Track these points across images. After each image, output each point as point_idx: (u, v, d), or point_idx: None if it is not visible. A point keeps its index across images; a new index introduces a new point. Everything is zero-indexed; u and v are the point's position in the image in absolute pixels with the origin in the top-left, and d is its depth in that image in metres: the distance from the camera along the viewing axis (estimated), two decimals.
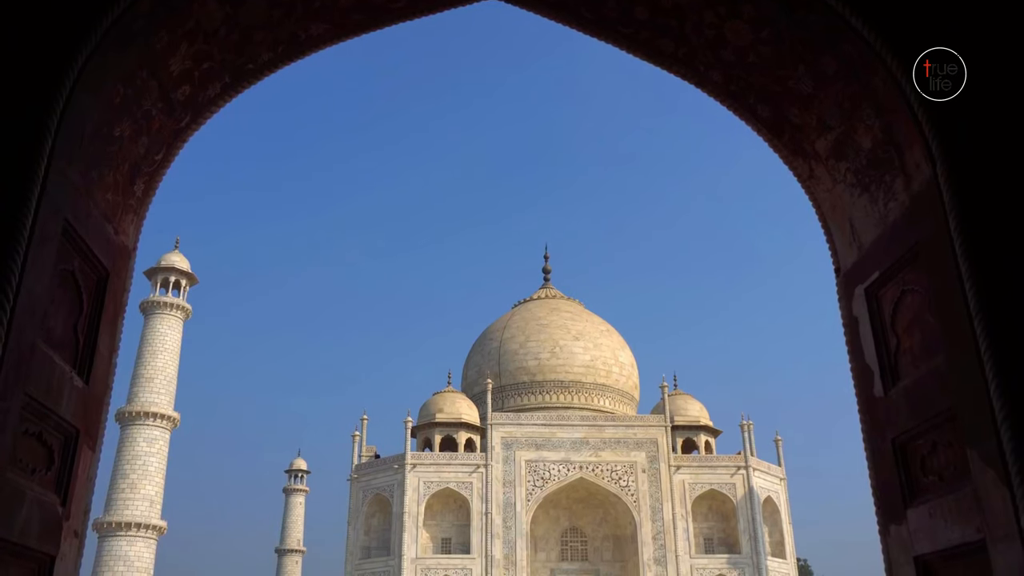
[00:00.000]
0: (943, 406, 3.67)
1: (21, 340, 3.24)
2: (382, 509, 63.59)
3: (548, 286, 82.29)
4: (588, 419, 65.88)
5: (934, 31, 3.74)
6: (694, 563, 61.95)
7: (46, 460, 3.62)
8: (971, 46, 3.68)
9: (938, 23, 3.75)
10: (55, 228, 3.52)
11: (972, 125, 3.61)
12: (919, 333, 3.95)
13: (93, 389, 4.00)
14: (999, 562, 3.21)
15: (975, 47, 3.67)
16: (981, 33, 3.70)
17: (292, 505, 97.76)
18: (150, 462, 55.86)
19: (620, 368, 73.75)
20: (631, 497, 62.66)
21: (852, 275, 4.61)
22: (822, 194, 4.90)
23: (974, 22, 3.71)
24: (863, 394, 4.47)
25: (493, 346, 74.34)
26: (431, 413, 67.13)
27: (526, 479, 62.40)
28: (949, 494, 3.62)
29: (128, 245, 4.44)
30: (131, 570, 53.24)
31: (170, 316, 59.85)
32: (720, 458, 66.25)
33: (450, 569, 60.26)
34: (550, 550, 64.76)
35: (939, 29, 3.74)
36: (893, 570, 4.11)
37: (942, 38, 3.74)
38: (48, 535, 3.59)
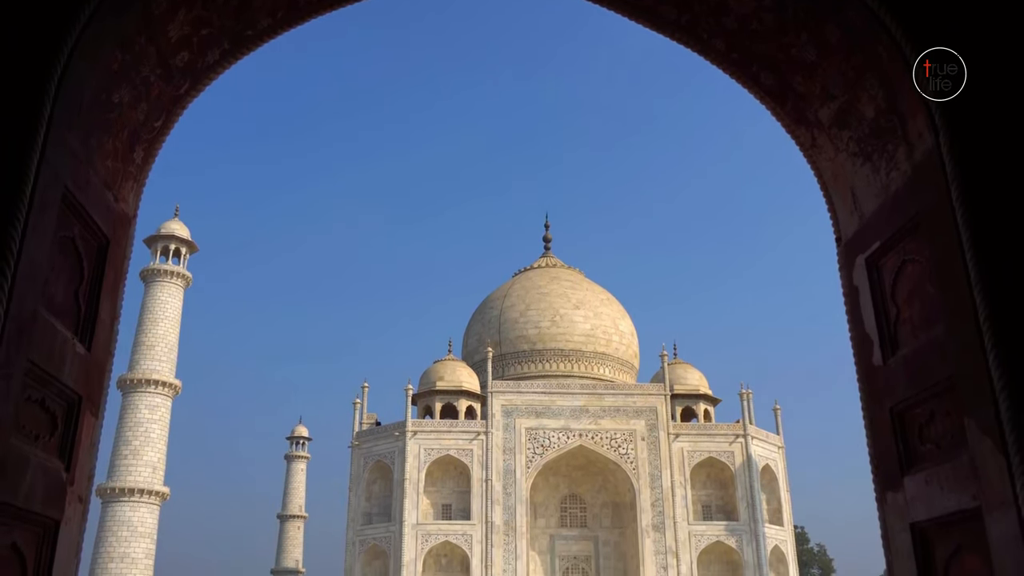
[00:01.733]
0: (942, 375, 3.68)
1: (22, 307, 3.24)
2: (383, 476, 64.13)
3: (548, 255, 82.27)
4: (588, 387, 66.21)
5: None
6: (692, 530, 62.59)
7: (49, 426, 3.64)
8: (974, 16, 3.64)
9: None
10: (55, 195, 3.52)
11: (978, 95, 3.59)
12: (919, 303, 3.96)
13: (95, 356, 4.02)
14: (994, 529, 3.25)
15: (978, 17, 3.64)
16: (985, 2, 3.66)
17: (294, 472, 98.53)
18: (152, 429, 56.24)
19: (620, 337, 73.97)
20: (630, 465, 63.14)
21: (853, 244, 4.61)
22: (824, 163, 4.88)
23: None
24: (862, 363, 4.49)
25: (493, 314, 74.49)
26: (432, 381, 67.47)
27: (526, 446, 62.86)
28: (946, 462, 3.65)
29: (128, 212, 4.43)
30: (135, 535, 53.82)
31: (170, 284, 59.91)
32: (719, 426, 66.67)
33: (451, 535, 60.89)
34: (550, 516, 65.40)
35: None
36: (889, 537, 4.16)
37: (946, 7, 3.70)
38: (53, 500, 3.62)
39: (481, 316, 76.24)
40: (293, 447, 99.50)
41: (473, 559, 60.02)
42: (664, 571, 61.01)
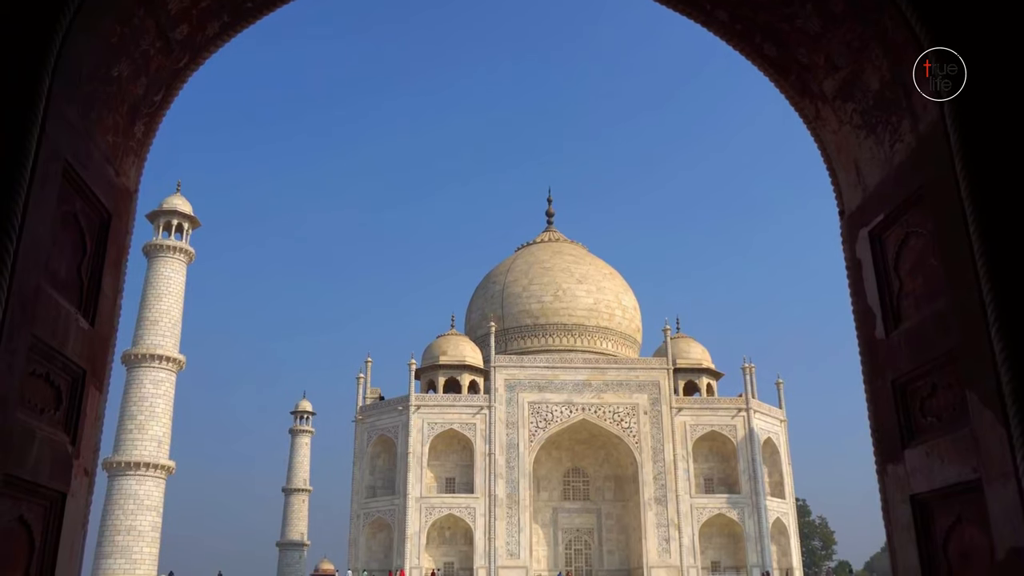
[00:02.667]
0: (944, 348, 3.68)
1: (25, 282, 3.25)
2: (387, 450, 64.49)
3: (551, 229, 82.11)
4: (591, 361, 66.37)
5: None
6: (694, 502, 62.97)
7: (54, 400, 3.66)
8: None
9: None
10: (56, 169, 3.51)
11: (983, 67, 3.56)
12: (922, 275, 3.95)
13: (99, 330, 4.03)
14: (994, 500, 3.26)
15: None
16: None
17: (298, 446, 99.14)
18: (157, 403, 56.49)
19: (623, 311, 74.00)
20: (633, 438, 63.43)
21: (856, 217, 4.59)
22: (828, 136, 4.85)
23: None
24: (864, 336, 4.49)
25: (496, 289, 74.50)
26: (435, 355, 67.64)
27: (529, 420, 63.12)
28: (947, 435, 3.66)
29: (130, 187, 4.42)
30: (141, 508, 54.24)
31: (173, 259, 59.90)
32: (721, 400, 66.89)
33: (454, 508, 61.33)
34: (552, 490, 65.81)
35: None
36: (890, 509, 4.18)
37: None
38: (59, 473, 3.65)
39: (484, 291, 76.27)
40: (297, 421, 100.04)
41: (476, 532, 60.50)
42: (666, 543, 61.49)
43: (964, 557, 3.61)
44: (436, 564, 61.03)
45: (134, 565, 52.75)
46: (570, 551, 64.80)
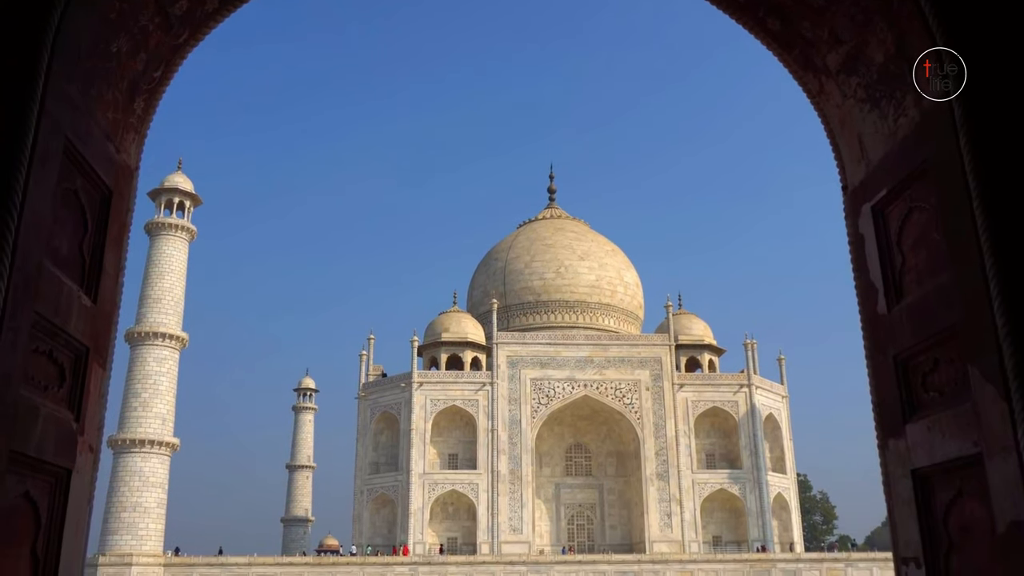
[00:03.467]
0: (946, 323, 3.68)
1: (27, 259, 3.25)
2: (390, 426, 64.80)
3: (553, 206, 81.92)
4: (593, 338, 66.49)
5: None
6: (695, 478, 63.32)
7: (58, 377, 3.67)
8: None
9: None
10: (56, 146, 3.49)
11: (988, 40, 3.53)
12: (925, 250, 3.94)
13: (101, 308, 4.03)
14: (995, 474, 3.28)
15: None
16: None
17: (301, 423, 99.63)
18: (161, 381, 56.70)
19: (625, 288, 74.01)
20: (635, 414, 63.66)
21: (859, 192, 4.57)
22: (831, 110, 4.83)
23: None
24: (867, 311, 4.49)
25: (498, 266, 74.48)
26: (437, 332, 67.77)
27: (531, 397, 63.33)
28: (948, 409, 3.67)
29: (130, 164, 4.41)
30: (147, 485, 54.62)
31: (175, 237, 59.89)
32: (723, 376, 67.07)
33: (457, 483, 61.71)
34: (555, 465, 66.17)
35: None
36: (891, 483, 4.20)
37: None
38: (64, 450, 3.67)
39: (486, 268, 76.26)
40: (300, 399, 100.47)
41: (479, 507, 60.90)
42: (668, 518, 61.90)
43: (964, 531, 3.63)
44: (439, 539, 61.51)
45: (140, 541, 53.20)
46: (572, 526, 65.25)
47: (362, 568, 54.80)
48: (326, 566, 55.40)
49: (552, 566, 55.83)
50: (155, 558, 53.56)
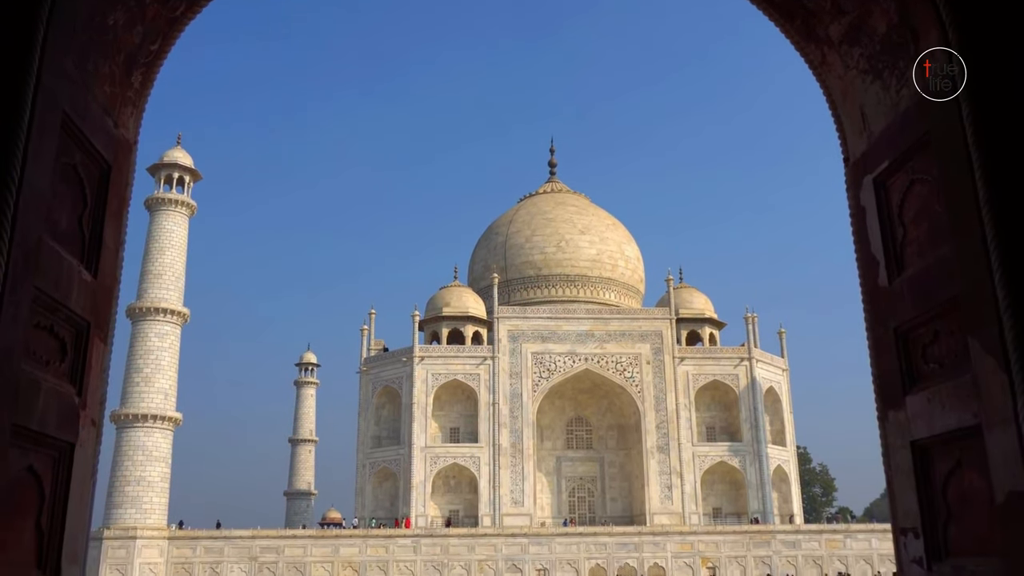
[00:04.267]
0: (947, 295, 3.68)
1: (27, 234, 3.24)
2: (391, 400, 65.06)
3: (554, 180, 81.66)
4: (593, 312, 66.56)
5: None
6: (696, 451, 63.68)
7: (59, 352, 3.68)
8: None
9: None
10: (54, 120, 3.48)
11: (992, 10, 3.50)
12: (926, 223, 3.93)
13: (101, 282, 4.03)
14: (994, 445, 3.29)
15: None
16: None
17: (303, 397, 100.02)
18: (163, 356, 56.87)
19: (626, 262, 73.97)
20: (635, 388, 63.89)
21: (861, 164, 4.55)
22: (833, 81, 4.79)
23: None
24: (867, 284, 4.49)
25: (499, 240, 74.39)
26: (438, 307, 67.84)
27: (532, 371, 63.53)
28: (948, 381, 3.68)
29: (129, 138, 4.39)
30: (150, 459, 54.96)
31: (175, 213, 59.79)
32: (724, 350, 67.23)
33: (459, 457, 62.08)
34: (556, 439, 66.51)
35: None
36: (890, 454, 4.22)
37: None
38: (66, 424, 3.68)
39: (487, 242, 76.16)
40: (302, 373, 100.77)
41: (481, 480, 61.30)
42: (668, 491, 62.31)
43: (963, 501, 3.66)
44: (441, 512, 61.98)
45: (145, 515, 53.62)
46: (573, 499, 65.72)
47: (365, 540, 55.26)
48: (329, 539, 55.86)
49: (553, 538, 56.29)
50: (159, 531, 54.01)
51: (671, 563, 56.16)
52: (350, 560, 54.60)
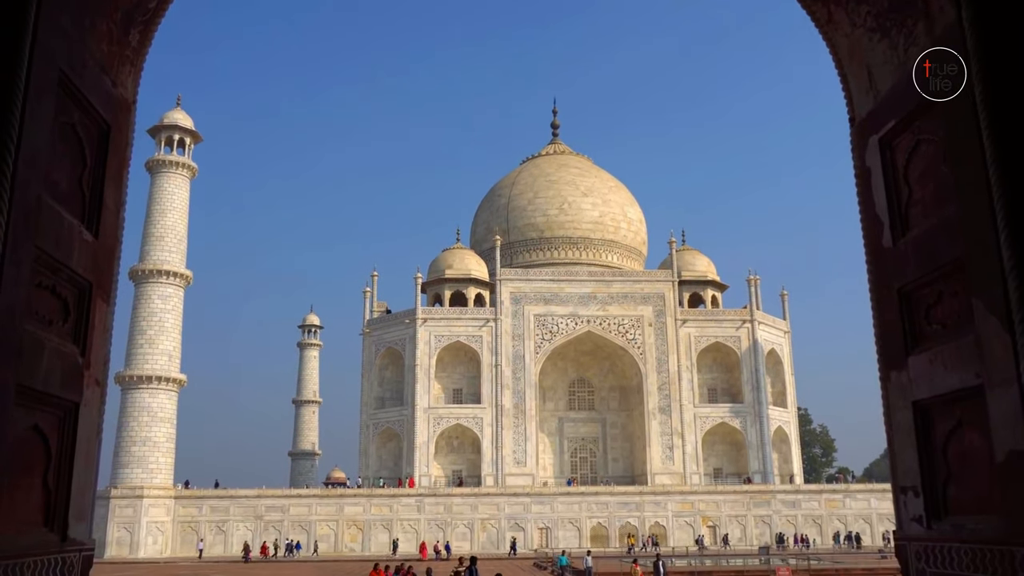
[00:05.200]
0: (951, 256, 3.67)
1: (27, 194, 3.22)
2: (394, 362, 65.36)
3: (557, 142, 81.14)
4: (596, 274, 66.56)
5: None
6: (697, 412, 64.07)
7: (62, 312, 3.68)
8: None
9: None
10: (51, 78, 3.44)
11: None
12: (932, 183, 3.90)
13: (103, 243, 4.02)
14: (995, 405, 3.30)
15: None
16: None
17: (307, 359, 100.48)
18: (166, 319, 57.05)
19: (628, 224, 73.77)
20: (637, 350, 64.11)
21: (867, 124, 4.51)
22: (840, 40, 4.73)
23: None
24: (871, 245, 4.47)
25: (501, 203, 74.14)
26: (440, 269, 67.85)
27: (535, 333, 63.72)
28: (951, 342, 3.67)
29: (127, 98, 4.35)
30: (155, 420, 55.38)
31: (176, 175, 59.57)
32: (726, 312, 67.33)
33: (462, 418, 62.52)
34: (558, 400, 66.91)
35: None
36: (891, 414, 4.23)
37: None
38: (70, 383, 3.70)
39: (489, 204, 75.92)
40: (305, 335, 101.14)
41: (484, 441, 61.79)
42: (669, 451, 62.81)
43: (963, 460, 3.68)
44: (445, 472, 62.56)
45: (151, 474, 54.19)
46: (575, 459, 66.29)
47: (369, 500, 55.87)
48: (334, 498, 56.48)
49: (555, 497, 56.87)
50: (166, 491, 54.62)
51: (672, 522, 56.80)
52: (354, 519, 55.26)
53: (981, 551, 3.45)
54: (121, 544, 52.37)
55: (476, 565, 15.96)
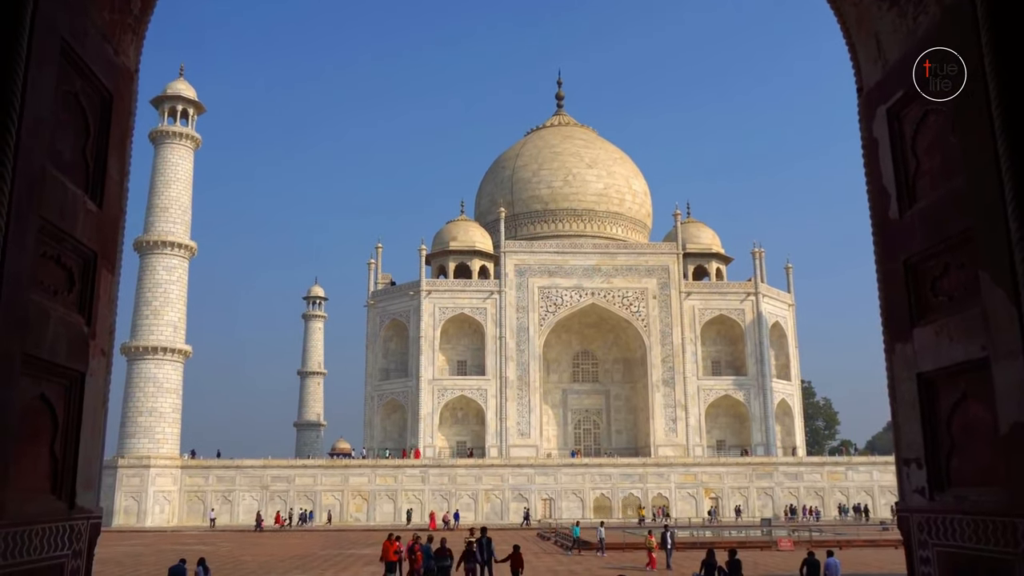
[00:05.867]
0: (959, 228, 3.64)
1: (30, 163, 3.21)
2: (399, 334, 65.54)
3: (561, 113, 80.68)
4: (600, 247, 66.48)
5: None
6: (701, 384, 64.25)
7: (67, 282, 3.68)
8: None
9: None
10: (53, 46, 3.41)
11: None
12: (940, 154, 3.87)
13: (107, 212, 4.01)
14: (1001, 378, 3.29)
15: None
16: None
17: (312, 330, 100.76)
18: (171, 290, 57.17)
19: (633, 196, 73.53)
20: (641, 322, 64.17)
21: (875, 94, 4.46)
22: (848, 8, 4.67)
23: None
24: (878, 216, 4.44)
25: (506, 174, 73.89)
26: (445, 241, 67.80)
27: (539, 305, 63.80)
28: (956, 314, 3.66)
29: (130, 66, 4.32)
30: (161, 391, 55.70)
31: (180, 146, 59.38)
32: (730, 284, 67.27)
33: (466, 389, 62.79)
34: (562, 372, 67.13)
35: None
36: (896, 386, 4.23)
37: None
38: (76, 353, 3.71)
39: (493, 176, 75.67)
40: (310, 307, 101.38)
41: (488, 412, 62.10)
42: (673, 423, 63.08)
43: (967, 432, 3.68)
44: (449, 443, 62.94)
45: (157, 444, 54.63)
46: (579, 431, 66.62)
47: (374, 470, 56.29)
48: (339, 468, 56.90)
49: (559, 469, 57.23)
50: (172, 460, 55.08)
51: (674, 494, 57.17)
52: (359, 489, 55.71)
53: (983, 522, 3.46)
54: (129, 513, 52.92)
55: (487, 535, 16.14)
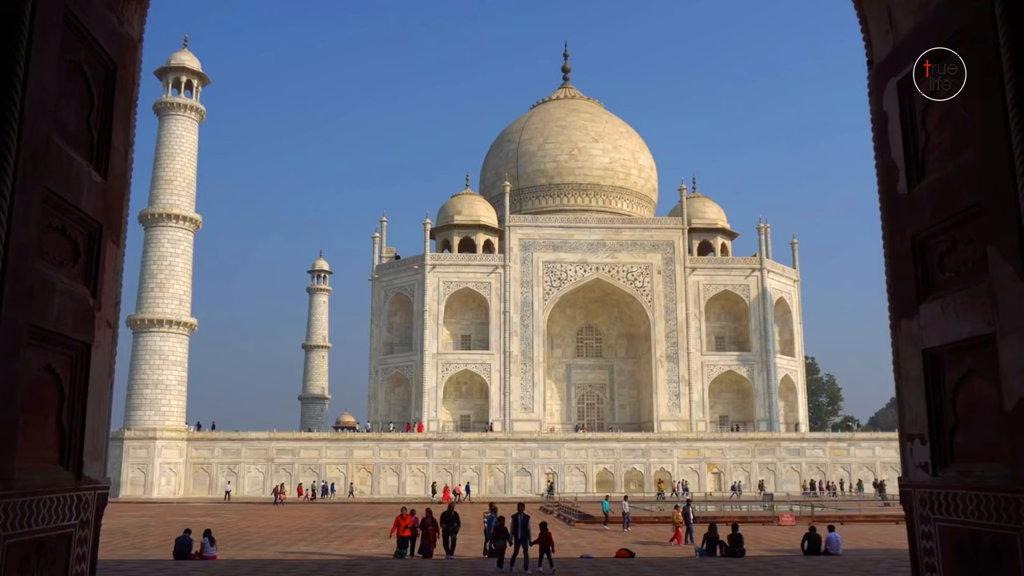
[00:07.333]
0: (968, 203, 3.62)
1: (35, 133, 3.19)
2: (403, 308, 65.64)
3: (567, 86, 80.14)
4: (605, 221, 66.32)
5: None
6: (705, 359, 64.34)
7: (72, 253, 3.68)
8: None
9: None
10: (57, 15, 3.38)
11: None
12: (950, 128, 3.84)
13: (112, 184, 4.00)
14: (1007, 353, 3.28)
15: None
16: None
17: (316, 304, 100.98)
18: (176, 263, 57.22)
19: (639, 171, 73.23)
20: (646, 297, 64.17)
21: (886, 67, 4.42)
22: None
23: None
24: (886, 191, 4.42)
25: (511, 148, 73.58)
26: (449, 215, 67.68)
27: (543, 279, 63.79)
28: (963, 289, 3.65)
29: (134, 36, 4.29)
30: (167, 363, 55.92)
31: (184, 118, 59.14)
32: (735, 260, 67.13)
33: (470, 364, 62.97)
34: (566, 347, 67.24)
35: None
36: (901, 362, 4.23)
37: None
38: (82, 324, 3.71)
39: (498, 150, 75.35)
40: (314, 280, 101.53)
41: (492, 387, 62.30)
42: (676, 399, 63.26)
43: (971, 409, 3.68)
44: (453, 417, 63.21)
45: (163, 417, 54.96)
46: (583, 405, 66.84)
47: (378, 443, 56.62)
48: (343, 441, 57.23)
49: (562, 443, 57.50)
50: (178, 432, 55.45)
51: (677, 469, 57.46)
52: (364, 462, 56.07)
53: (986, 498, 3.47)
54: (135, 484, 53.36)
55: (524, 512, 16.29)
